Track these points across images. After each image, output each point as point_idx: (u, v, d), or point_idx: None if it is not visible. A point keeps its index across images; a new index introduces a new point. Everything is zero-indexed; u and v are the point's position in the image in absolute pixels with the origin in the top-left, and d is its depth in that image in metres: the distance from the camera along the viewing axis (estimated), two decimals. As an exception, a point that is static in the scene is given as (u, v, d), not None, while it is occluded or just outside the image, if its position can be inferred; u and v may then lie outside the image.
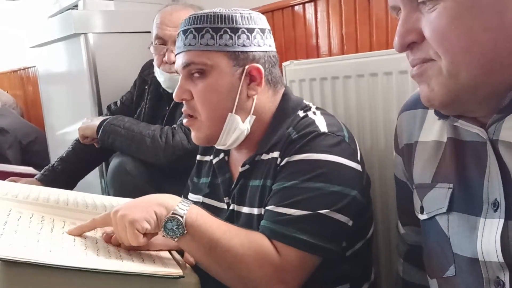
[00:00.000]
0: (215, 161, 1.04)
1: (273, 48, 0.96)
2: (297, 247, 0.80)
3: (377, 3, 1.39)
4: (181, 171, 1.29)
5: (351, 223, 0.86)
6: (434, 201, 0.69)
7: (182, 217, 0.75)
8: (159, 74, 1.43)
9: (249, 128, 0.94)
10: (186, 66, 0.91)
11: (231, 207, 0.97)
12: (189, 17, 0.91)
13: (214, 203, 1.03)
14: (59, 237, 0.74)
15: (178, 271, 0.70)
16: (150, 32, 1.47)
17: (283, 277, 0.79)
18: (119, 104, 1.67)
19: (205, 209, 0.82)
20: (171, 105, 1.47)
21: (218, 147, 0.99)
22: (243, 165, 0.95)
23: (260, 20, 0.93)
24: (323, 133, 0.87)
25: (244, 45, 0.90)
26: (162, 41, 1.40)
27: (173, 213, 0.76)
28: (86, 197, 1.00)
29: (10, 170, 2.16)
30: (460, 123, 0.64)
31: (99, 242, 0.77)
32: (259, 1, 1.72)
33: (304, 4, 1.59)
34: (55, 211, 0.86)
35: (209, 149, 1.09)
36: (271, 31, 0.96)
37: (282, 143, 0.90)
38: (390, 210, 1.18)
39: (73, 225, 0.81)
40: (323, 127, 0.88)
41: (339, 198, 0.83)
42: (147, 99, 1.56)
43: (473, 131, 0.62)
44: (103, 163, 1.77)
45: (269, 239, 0.81)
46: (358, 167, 0.88)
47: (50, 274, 0.61)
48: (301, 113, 0.94)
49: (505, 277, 0.58)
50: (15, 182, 1.31)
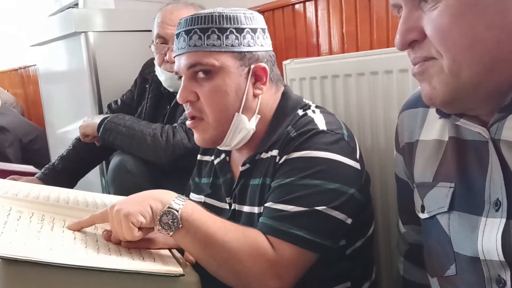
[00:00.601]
0: (216, 162, 1.04)
1: (271, 47, 0.97)
2: (293, 243, 0.80)
3: (377, 1, 1.38)
4: (181, 169, 1.29)
5: (350, 221, 0.86)
6: (435, 200, 0.69)
7: (177, 211, 0.76)
8: (160, 73, 1.43)
9: (255, 127, 0.94)
10: (191, 67, 0.89)
11: (232, 207, 0.97)
12: (191, 17, 0.89)
13: (216, 203, 1.03)
14: (59, 236, 0.74)
15: (178, 270, 0.70)
16: (151, 30, 1.47)
17: (278, 272, 0.78)
18: (119, 102, 1.67)
19: (203, 207, 0.82)
20: (172, 104, 1.47)
21: (222, 148, 0.99)
22: (243, 165, 0.95)
23: (260, 19, 0.94)
24: (322, 131, 0.87)
25: (249, 45, 0.90)
26: (163, 40, 1.40)
27: (169, 207, 0.76)
28: (86, 195, 1.00)
29: (10, 168, 2.16)
30: (461, 122, 0.64)
31: (100, 240, 0.77)
32: (259, 0, 1.72)
33: (304, 2, 1.59)
34: (55, 210, 0.86)
35: (210, 149, 1.09)
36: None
37: (281, 141, 0.90)
38: (390, 209, 1.18)
39: (74, 223, 0.81)
40: (322, 125, 0.88)
41: (337, 195, 0.83)
42: (148, 98, 1.56)
43: (475, 130, 0.62)
44: (104, 162, 1.77)
45: (265, 235, 0.81)
46: (356, 165, 0.88)
47: (50, 272, 0.61)
48: (301, 112, 0.94)
49: (506, 276, 0.58)
50: (15, 180, 1.31)
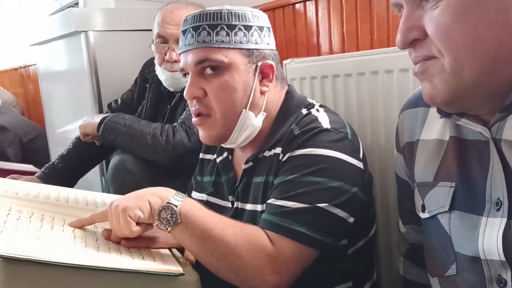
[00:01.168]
0: (218, 160, 1.04)
1: (275, 46, 0.97)
2: (293, 238, 0.80)
3: (378, 1, 1.38)
4: (181, 169, 1.29)
5: (351, 220, 0.86)
6: (436, 200, 0.69)
7: (176, 207, 0.76)
8: (161, 72, 1.43)
9: (261, 124, 0.94)
10: (199, 63, 0.89)
11: (235, 205, 0.97)
12: (199, 14, 0.90)
13: (218, 201, 1.03)
14: (59, 235, 0.74)
15: (178, 269, 0.70)
16: (151, 30, 1.47)
17: (277, 268, 0.78)
18: (120, 102, 1.67)
19: (205, 206, 0.82)
20: (172, 104, 1.47)
21: (227, 146, 0.98)
22: (246, 163, 0.95)
23: (266, 19, 0.95)
24: (326, 129, 0.87)
25: (256, 43, 0.91)
26: (163, 40, 1.40)
27: (168, 202, 0.76)
28: (86, 194, 1.00)
29: (10, 168, 2.16)
30: (463, 121, 0.63)
31: (99, 239, 0.77)
32: (260, -1, 1.72)
33: (305, 2, 1.59)
34: (55, 209, 0.86)
35: (212, 147, 1.09)
36: None
37: (285, 139, 0.90)
38: (390, 208, 1.18)
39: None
40: (325, 124, 0.89)
41: (339, 193, 0.83)
42: (148, 97, 1.56)
43: (476, 129, 0.62)
44: (104, 161, 1.77)
45: (265, 230, 0.81)
46: (359, 165, 0.88)
47: (50, 271, 0.61)
48: (305, 111, 0.94)
49: (507, 275, 0.58)
50: (15, 179, 1.31)
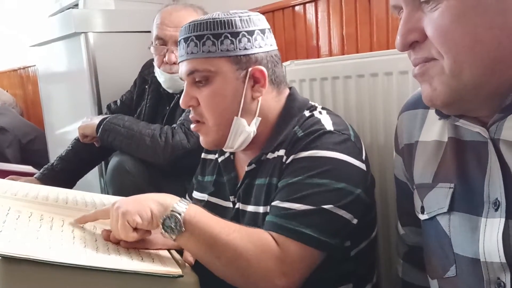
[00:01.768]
0: (220, 160, 1.05)
1: (274, 47, 0.96)
2: (299, 240, 0.80)
3: (377, 3, 1.39)
4: (180, 170, 1.29)
5: (355, 221, 0.86)
6: (435, 201, 0.69)
7: (180, 215, 0.76)
8: (160, 74, 1.43)
9: (255, 130, 0.94)
10: (190, 73, 0.92)
11: (236, 206, 0.97)
12: (188, 25, 0.91)
13: (219, 201, 1.03)
14: (58, 235, 0.73)
15: (177, 270, 0.70)
16: (150, 31, 1.47)
17: (284, 271, 0.78)
18: (119, 103, 1.66)
19: (206, 208, 0.82)
20: (171, 105, 1.47)
21: (226, 150, 1.00)
22: (249, 165, 0.95)
23: (259, 20, 0.93)
24: (329, 131, 0.88)
25: (245, 48, 0.90)
26: (162, 42, 1.40)
27: (172, 211, 0.76)
28: (85, 195, 1.00)
29: (9, 169, 2.16)
30: (461, 122, 0.64)
31: (99, 240, 0.77)
32: (259, 1, 1.72)
33: (304, 4, 1.59)
34: (54, 210, 0.86)
35: None
36: (271, 30, 0.96)
37: (288, 141, 0.91)
38: (390, 210, 1.18)
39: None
40: (329, 126, 0.89)
41: (343, 195, 0.84)
42: (148, 98, 1.56)
43: (475, 130, 0.62)
44: (103, 162, 1.76)
45: (271, 233, 0.81)
46: (362, 166, 0.88)
47: (49, 271, 0.61)
48: (307, 113, 0.95)
49: (506, 278, 0.58)
50: (14, 180, 1.31)
